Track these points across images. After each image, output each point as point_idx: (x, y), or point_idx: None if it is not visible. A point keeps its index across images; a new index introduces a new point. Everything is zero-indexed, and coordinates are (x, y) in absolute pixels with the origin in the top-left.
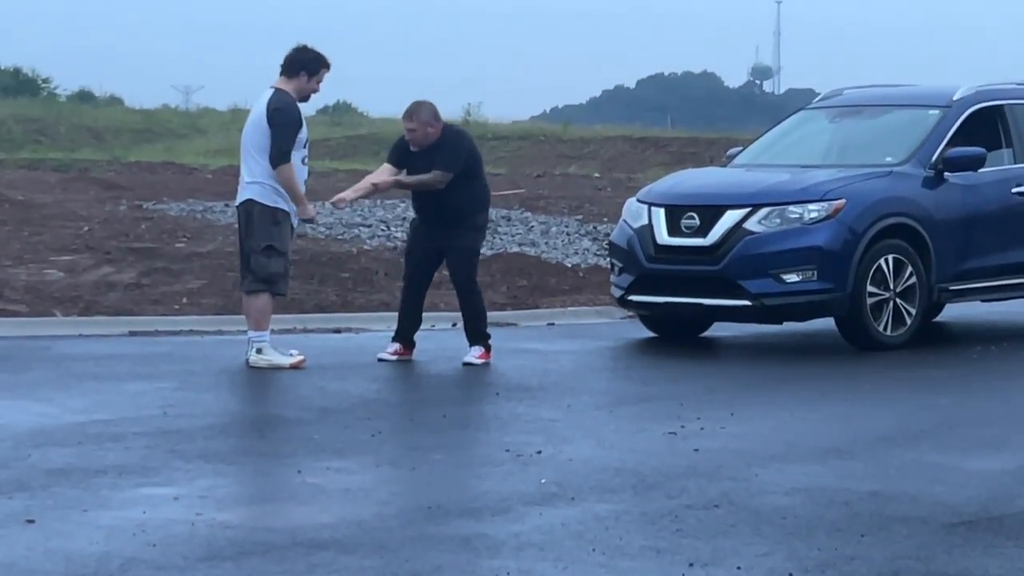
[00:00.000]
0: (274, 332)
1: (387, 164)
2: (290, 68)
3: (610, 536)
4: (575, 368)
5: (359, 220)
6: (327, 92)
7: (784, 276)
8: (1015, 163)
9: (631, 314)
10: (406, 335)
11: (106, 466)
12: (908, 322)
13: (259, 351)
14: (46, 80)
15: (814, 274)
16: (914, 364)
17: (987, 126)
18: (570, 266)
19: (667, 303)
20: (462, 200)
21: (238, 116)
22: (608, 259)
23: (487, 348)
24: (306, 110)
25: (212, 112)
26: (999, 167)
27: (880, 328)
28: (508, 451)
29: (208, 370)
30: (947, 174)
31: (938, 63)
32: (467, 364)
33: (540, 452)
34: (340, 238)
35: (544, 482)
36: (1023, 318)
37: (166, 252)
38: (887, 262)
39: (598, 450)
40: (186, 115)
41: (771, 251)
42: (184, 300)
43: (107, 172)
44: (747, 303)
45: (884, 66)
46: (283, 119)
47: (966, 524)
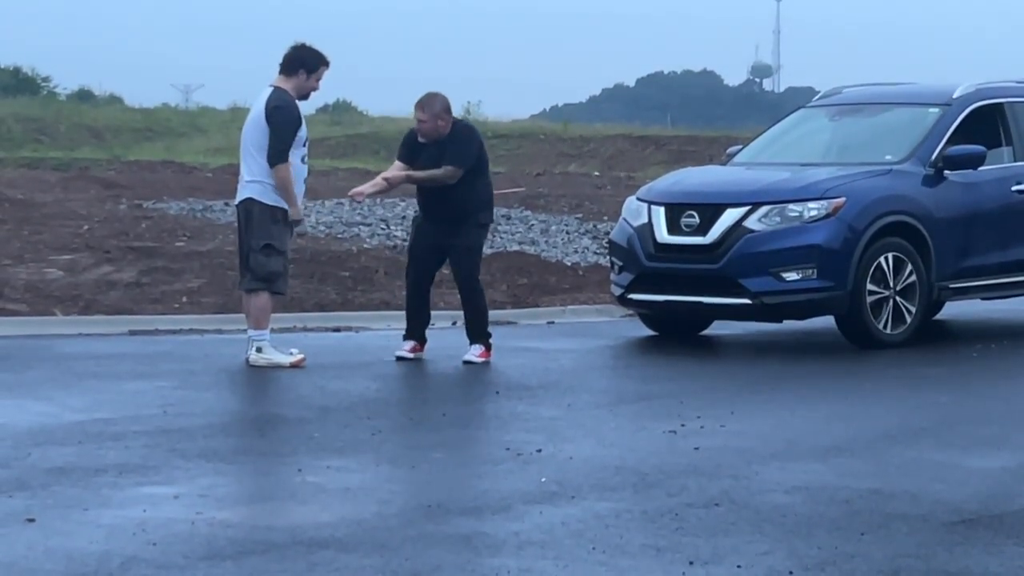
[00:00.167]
0: (274, 331)
1: (398, 161)
2: (289, 66)
3: (610, 534)
4: (575, 367)
5: (359, 219)
6: (327, 91)
7: (784, 274)
8: (1015, 161)
9: (631, 312)
10: (417, 332)
11: (106, 465)
12: (908, 320)
13: (259, 350)
14: (46, 79)
15: (814, 272)
16: (914, 362)
17: (987, 124)
18: (570, 265)
19: (667, 301)
20: (467, 197)
21: (238, 115)
22: (608, 257)
23: (488, 347)
24: (306, 109)
25: (212, 111)
26: (999, 165)
27: (880, 326)
28: (508, 449)
29: (208, 369)
30: (947, 172)
31: (938, 61)
32: (467, 362)
33: (540, 450)
34: (340, 237)
35: (544, 480)
36: (1023, 316)
37: (166, 251)
38: (887, 260)
39: (598, 448)
40: (186, 114)
41: (771, 249)
42: (184, 299)
43: (107, 171)
44: (747, 301)
45: (884, 64)
46: (282, 117)
47: (966, 522)
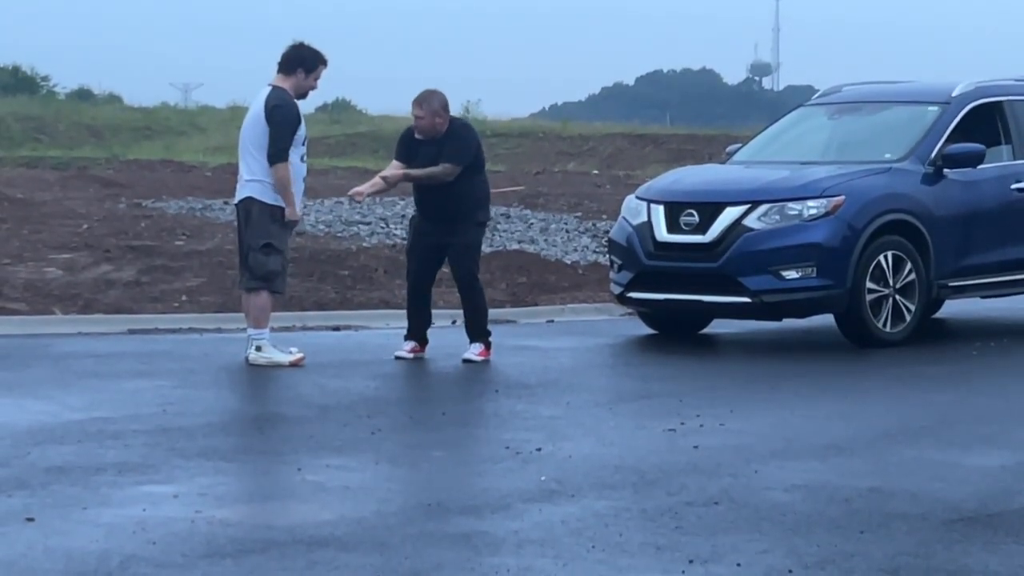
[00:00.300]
0: (273, 330)
1: (395, 160)
2: (288, 66)
3: (610, 533)
4: (575, 365)
5: (358, 218)
6: (326, 90)
7: (783, 273)
8: (1014, 159)
9: (630, 311)
10: (418, 333)
11: (106, 464)
12: (907, 319)
13: (258, 349)
14: (45, 78)
15: (813, 271)
16: (913, 361)
17: (986, 122)
18: (569, 263)
19: (666, 300)
20: (463, 195)
21: (237, 114)
22: (607, 256)
23: (487, 345)
24: (305, 108)
25: (211, 110)
26: (998, 163)
27: (879, 325)
28: (508, 448)
29: (208, 368)
30: (946, 170)
31: (937, 60)
32: (467, 361)
33: (540, 449)
34: (339, 235)
35: (544, 479)
36: (1022, 314)
37: (165, 250)
38: (886, 259)
39: (598, 447)
40: (185, 113)
41: (770, 248)
42: (183, 298)
43: (106, 170)
44: (746, 300)
45: (883, 63)
46: (281, 116)
47: (965, 520)
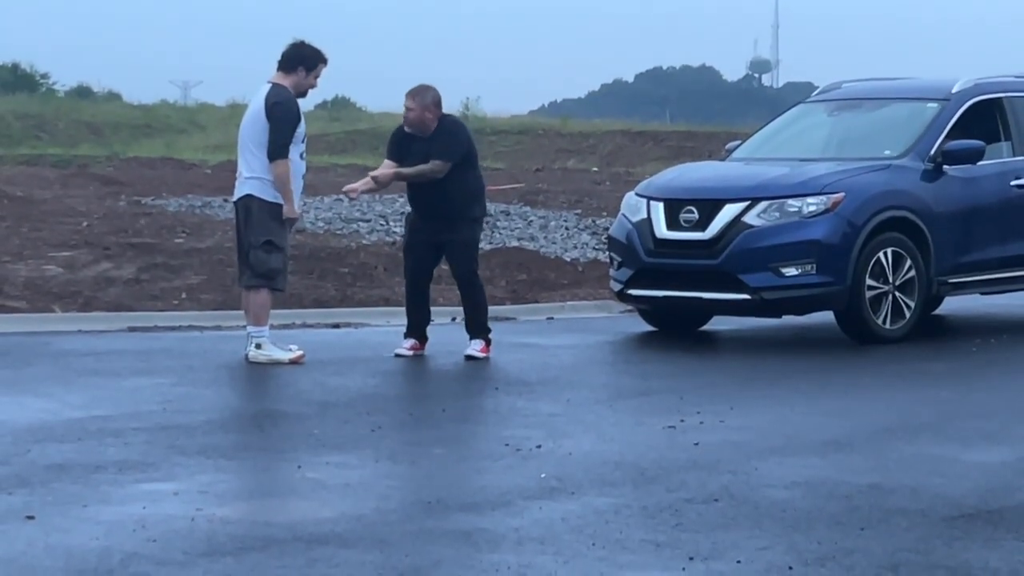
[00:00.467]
0: (273, 327)
1: (387, 160)
2: (288, 64)
3: (610, 530)
4: (574, 362)
5: (358, 215)
6: (326, 87)
7: (783, 270)
8: (1014, 156)
9: (630, 308)
10: (418, 330)
11: (106, 462)
12: (907, 315)
13: (258, 346)
14: (44, 75)
15: (813, 268)
16: (913, 357)
17: (986, 119)
18: (569, 260)
19: (666, 297)
20: (456, 192)
21: (237, 111)
22: (607, 253)
23: (488, 342)
24: (304, 105)
25: (211, 107)
26: (998, 160)
27: (879, 321)
28: (508, 445)
29: (207, 365)
30: (946, 167)
31: (937, 56)
32: (469, 357)
33: (540, 446)
34: (339, 233)
35: (544, 476)
36: (1022, 311)
37: (165, 248)
38: (886, 255)
39: (598, 444)
40: (185, 110)
41: (770, 245)
42: (183, 295)
43: (106, 168)
44: (746, 297)
45: (883, 59)
46: (282, 113)
47: (966, 517)
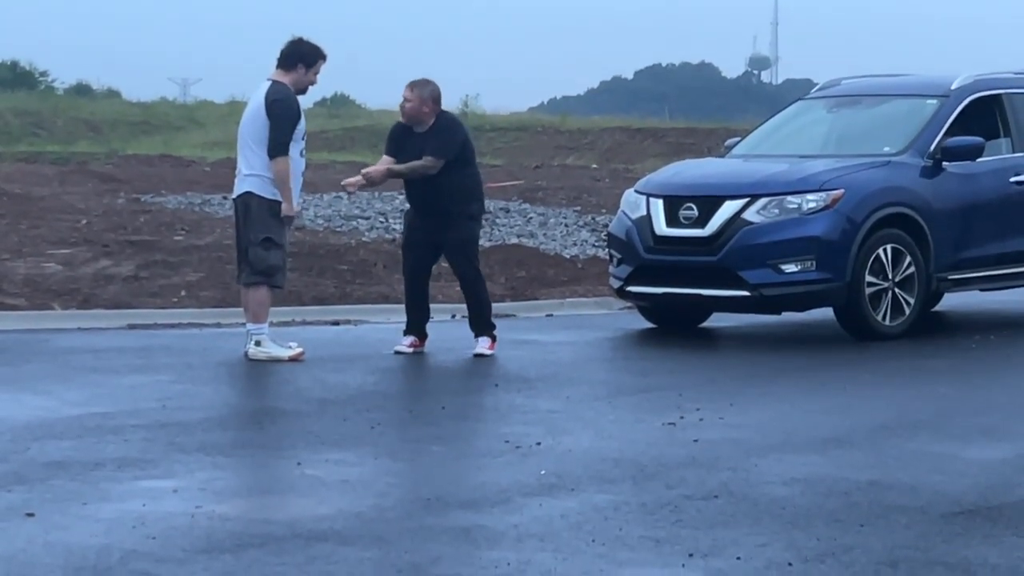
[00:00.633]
0: (272, 324)
1: (385, 155)
2: (287, 61)
3: (609, 527)
4: (574, 359)
5: (357, 212)
6: (325, 84)
7: (782, 266)
8: (1013, 152)
9: (630, 305)
10: (417, 327)
11: (105, 459)
12: (907, 312)
13: (258, 343)
14: (44, 73)
15: (812, 264)
16: (913, 354)
17: (985, 115)
18: (568, 257)
19: (666, 294)
20: (453, 189)
21: (236, 109)
22: (606, 250)
23: (493, 338)
24: (304, 102)
25: (210, 105)
26: (997, 156)
27: (879, 318)
28: (507, 442)
29: (207, 363)
30: (945, 164)
31: (936, 52)
32: (479, 355)
33: (539, 443)
34: (338, 230)
35: (543, 473)
36: (1022, 307)
37: (164, 245)
38: (885, 252)
39: (597, 441)
40: (184, 108)
41: (769, 241)
42: (182, 293)
43: (105, 165)
44: (746, 293)
45: (882, 56)
46: (282, 110)
47: (965, 513)
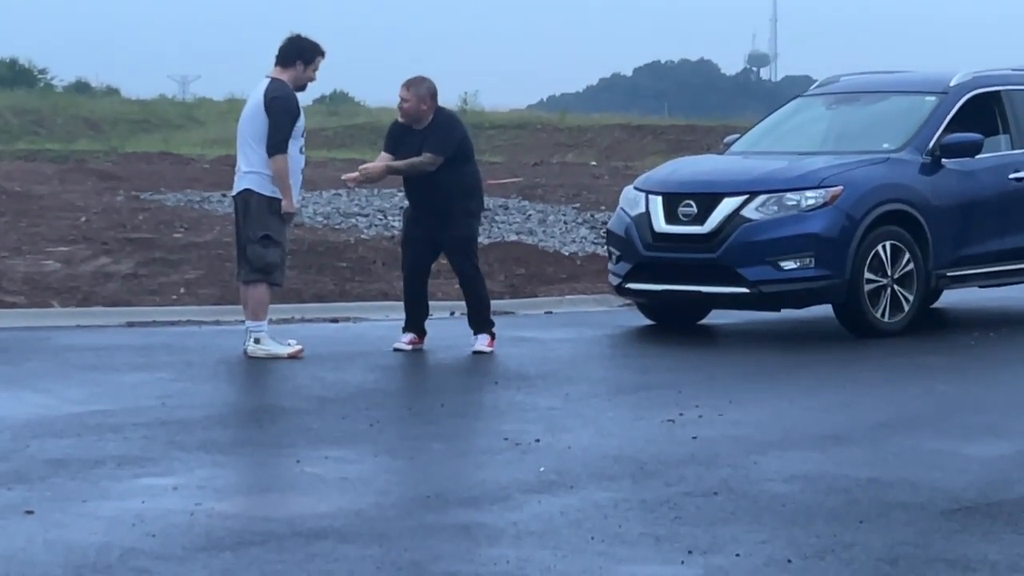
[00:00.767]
0: (272, 322)
1: (383, 153)
2: (286, 58)
3: (609, 524)
4: (573, 356)
5: (356, 209)
6: (324, 81)
7: (781, 263)
8: (1012, 149)
9: (629, 302)
10: (416, 324)
11: (105, 457)
12: (906, 309)
13: (257, 341)
14: (43, 71)
15: (811, 261)
16: (912, 351)
17: (984, 112)
18: (568, 254)
19: (665, 291)
20: (452, 186)
21: (235, 106)
22: (606, 247)
23: (492, 335)
24: (303, 99)
25: (209, 102)
26: (996, 153)
27: (878, 315)
28: (507, 440)
29: (206, 360)
30: (944, 160)
31: (935, 49)
32: (478, 353)
33: (539, 440)
34: (338, 227)
35: (543, 470)
36: (1021, 304)
37: (163, 243)
38: (885, 249)
39: (597, 438)
40: (183, 105)
41: (768, 238)
42: (182, 290)
43: (104, 163)
44: (745, 290)
45: (881, 53)
46: (281, 107)
47: (965, 510)
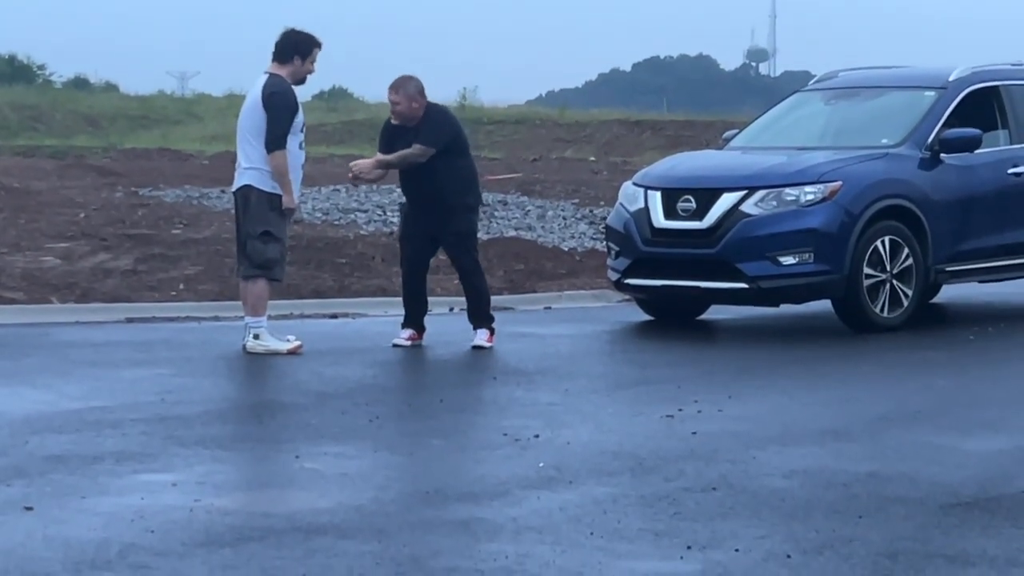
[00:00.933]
0: (271, 318)
1: (379, 153)
2: (282, 54)
3: (608, 519)
4: (572, 352)
5: (355, 205)
6: (323, 77)
7: (781, 258)
8: (1011, 144)
9: (628, 298)
10: (416, 320)
11: (104, 453)
12: (905, 304)
13: (256, 337)
14: (41, 67)
15: (811, 256)
16: (911, 346)
17: (983, 107)
18: (567, 250)
19: (664, 286)
20: (447, 180)
21: (234, 102)
22: (605, 243)
23: (492, 330)
24: (302, 95)
25: (208, 98)
26: (995, 148)
27: (877, 310)
28: (506, 435)
29: (205, 356)
30: (943, 155)
31: (934, 45)
32: (477, 347)
33: (538, 436)
34: (336, 223)
35: (542, 466)
36: (1020, 299)
37: (162, 238)
38: (884, 244)
39: (596, 434)
40: (182, 101)
41: (767, 233)
42: (181, 286)
43: (103, 159)
44: (744, 286)
45: (880, 48)
46: (279, 103)
47: (963, 505)
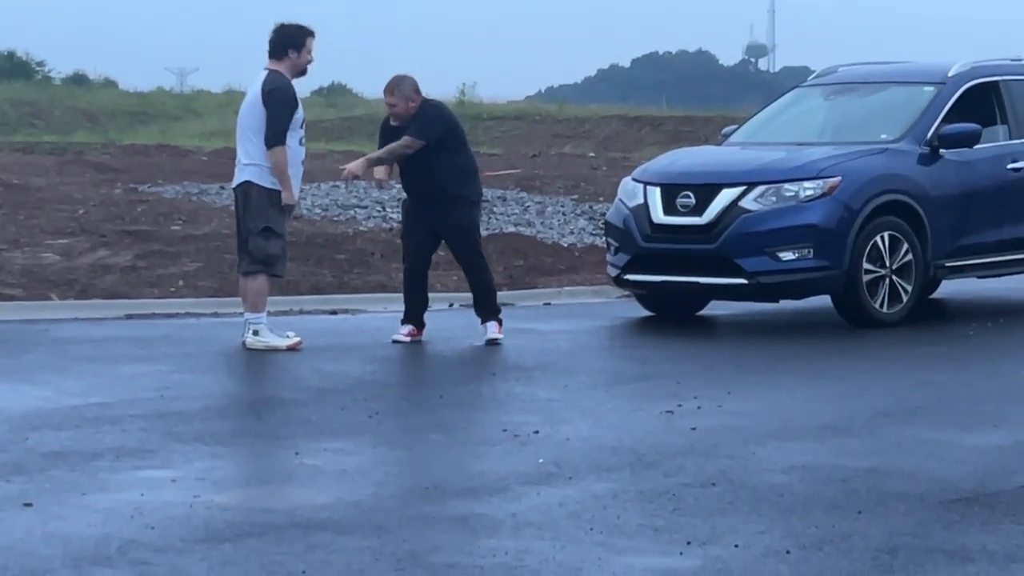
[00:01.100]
0: (270, 314)
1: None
2: (277, 50)
3: (608, 515)
4: (572, 348)
5: (355, 201)
6: (322, 73)
7: (780, 254)
8: (1010, 139)
9: (627, 293)
10: (416, 316)
11: (103, 449)
12: (904, 299)
13: (256, 333)
14: (40, 63)
15: (810, 252)
16: (910, 341)
17: (982, 102)
18: (566, 246)
19: (663, 282)
20: (446, 175)
21: (233, 98)
22: (604, 238)
23: (500, 322)
24: (301, 91)
25: (207, 94)
26: (994, 143)
27: (876, 305)
28: (505, 431)
29: (205, 352)
30: (942, 151)
31: (933, 40)
32: (491, 341)
33: (537, 432)
34: (336, 219)
35: (541, 461)
36: (1020, 294)
37: (162, 235)
38: (883, 239)
39: (595, 429)
40: (181, 97)
41: (767, 229)
42: (180, 282)
43: (102, 155)
44: (743, 281)
45: (879, 43)
46: (279, 99)
47: (963, 500)
